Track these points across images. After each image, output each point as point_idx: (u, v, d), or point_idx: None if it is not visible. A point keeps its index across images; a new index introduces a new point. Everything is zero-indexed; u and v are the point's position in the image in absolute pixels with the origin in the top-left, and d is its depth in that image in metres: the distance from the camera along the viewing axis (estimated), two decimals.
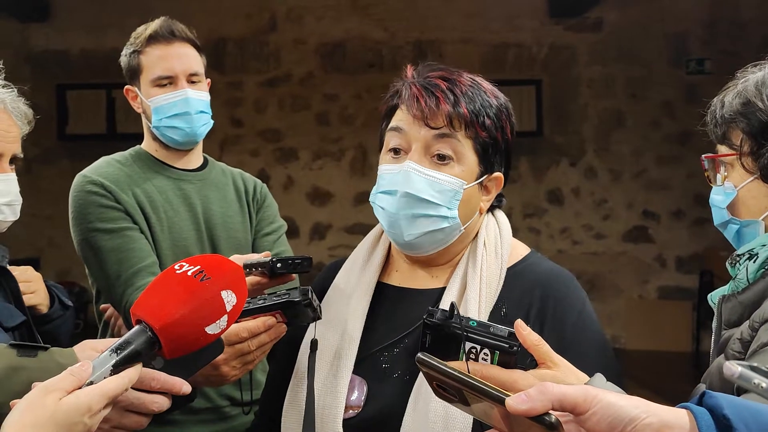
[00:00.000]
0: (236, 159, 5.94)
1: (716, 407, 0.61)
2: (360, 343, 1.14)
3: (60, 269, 5.96)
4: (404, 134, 1.11)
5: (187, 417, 1.75)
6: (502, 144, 1.14)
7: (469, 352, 0.92)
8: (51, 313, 1.53)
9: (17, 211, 1.40)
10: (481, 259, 1.14)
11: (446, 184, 1.09)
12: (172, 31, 1.81)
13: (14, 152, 1.38)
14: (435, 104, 1.08)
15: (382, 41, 6.38)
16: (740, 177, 1.12)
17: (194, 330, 0.83)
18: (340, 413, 1.09)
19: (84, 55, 6.34)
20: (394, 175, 1.11)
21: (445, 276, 1.18)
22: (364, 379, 1.12)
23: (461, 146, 1.10)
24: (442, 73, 1.13)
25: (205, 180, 1.90)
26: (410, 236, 1.12)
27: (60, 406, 0.75)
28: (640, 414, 0.61)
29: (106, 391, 0.78)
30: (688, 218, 6.28)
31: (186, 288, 0.83)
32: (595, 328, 1.14)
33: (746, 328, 1.03)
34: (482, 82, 1.16)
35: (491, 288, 1.13)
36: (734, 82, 1.14)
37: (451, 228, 1.13)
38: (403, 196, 1.10)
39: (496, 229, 1.20)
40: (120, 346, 0.81)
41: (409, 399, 1.07)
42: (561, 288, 1.14)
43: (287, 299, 1.07)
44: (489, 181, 1.16)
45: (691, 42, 6.27)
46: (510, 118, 1.16)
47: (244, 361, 1.10)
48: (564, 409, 0.63)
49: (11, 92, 1.37)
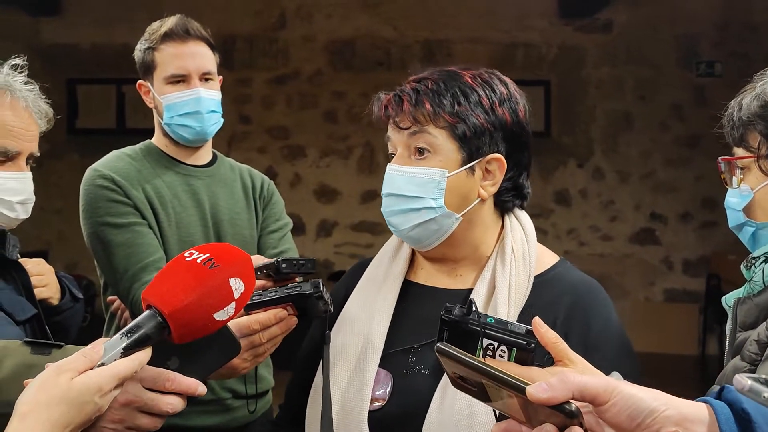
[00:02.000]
0: (244, 156, 5.92)
1: (735, 401, 0.61)
2: (386, 338, 1.16)
3: (68, 262, 5.99)
4: (391, 141, 1.19)
5: (190, 408, 1.74)
6: (488, 126, 1.14)
7: (487, 349, 0.92)
8: (61, 305, 1.54)
9: (29, 210, 1.41)
10: (510, 264, 1.16)
11: (424, 176, 1.14)
12: (187, 30, 1.82)
13: (32, 151, 1.38)
14: (400, 108, 1.15)
15: (392, 40, 6.38)
16: (757, 179, 1.12)
17: (203, 316, 0.85)
18: (365, 405, 1.11)
19: (94, 49, 6.36)
20: (384, 180, 1.19)
21: (471, 277, 1.20)
22: (390, 373, 1.14)
23: (434, 138, 1.14)
24: (416, 77, 1.20)
25: (213, 176, 1.91)
26: (405, 230, 1.17)
27: (72, 385, 0.77)
28: (660, 406, 0.61)
29: (116, 372, 0.80)
30: (696, 221, 6.26)
31: (195, 275, 0.85)
32: (620, 336, 1.16)
33: (763, 330, 1.03)
34: (466, 73, 1.18)
35: (519, 294, 1.14)
36: (752, 84, 1.14)
37: (442, 217, 1.15)
38: (387, 197, 1.18)
39: (522, 233, 1.21)
40: (130, 330, 0.83)
41: (434, 395, 1.08)
42: (589, 298, 1.16)
43: (298, 291, 1.08)
44: (487, 163, 1.16)
45: (702, 44, 6.24)
46: (509, 99, 1.18)
47: (255, 353, 1.11)
48: (584, 399, 0.63)
49: (33, 90, 1.37)
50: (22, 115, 1.33)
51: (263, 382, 1.90)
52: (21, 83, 1.35)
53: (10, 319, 1.28)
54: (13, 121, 1.32)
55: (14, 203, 1.36)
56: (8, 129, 1.31)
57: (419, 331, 1.16)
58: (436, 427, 1.06)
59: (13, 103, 1.32)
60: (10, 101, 1.32)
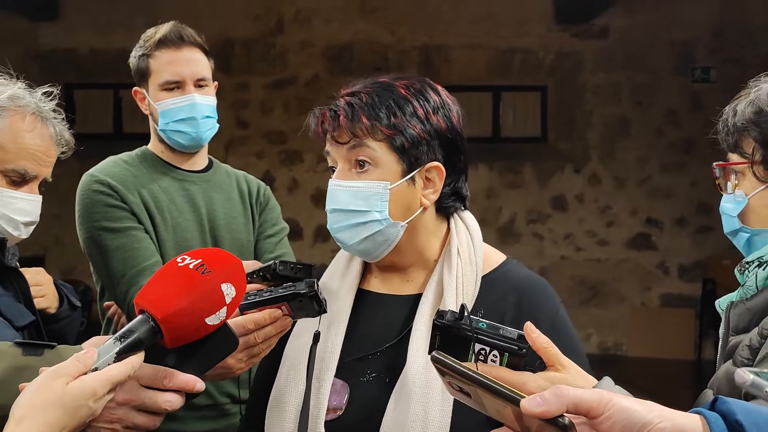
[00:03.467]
0: (242, 160, 5.96)
1: (729, 413, 0.61)
2: (342, 347, 1.17)
3: (65, 267, 5.98)
4: (331, 156, 1.20)
5: (188, 413, 1.77)
6: (424, 135, 1.15)
7: (479, 354, 0.92)
8: (59, 313, 1.54)
9: (30, 231, 1.44)
10: (456, 266, 1.17)
11: (368, 190, 1.15)
12: (181, 36, 1.83)
13: (46, 176, 1.42)
14: (337, 123, 1.16)
15: (389, 45, 6.40)
16: (751, 185, 1.12)
17: (194, 320, 0.86)
18: (322, 415, 1.12)
19: (92, 54, 6.37)
20: (327, 196, 1.20)
21: (421, 280, 1.22)
22: (346, 382, 1.15)
23: (374, 151, 1.14)
24: (349, 90, 1.20)
25: (209, 181, 1.92)
26: (353, 245, 1.18)
27: (67, 390, 0.78)
28: (654, 419, 0.61)
29: (110, 377, 0.81)
30: (692, 226, 6.27)
31: (187, 280, 0.86)
32: (569, 333, 1.16)
33: (755, 335, 1.03)
34: (399, 83, 1.18)
35: (467, 294, 1.15)
36: (747, 90, 1.14)
37: (388, 228, 1.16)
38: (331, 213, 1.19)
39: (467, 234, 1.22)
40: (123, 335, 0.84)
41: (389, 401, 1.10)
42: (534, 294, 1.17)
43: (293, 291, 1.08)
44: (427, 171, 1.17)
45: (697, 50, 6.27)
46: (442, 107, 1.18)
47: (251, 353, 1.11)
48: (578, 413, 0.63)
49: (59, 118, 1.41)
50: (47, 141, 1.38)
51: None
52: (50, 110, 1.39)
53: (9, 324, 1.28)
54: (37, 146, 1.36)
55: (20, 223, 1.39)
56: (31, 152, 1.35)
57: (374, 338, 1.17)
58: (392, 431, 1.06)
59: (42, 129, 1.37)
60: (39, 127, 1.36)
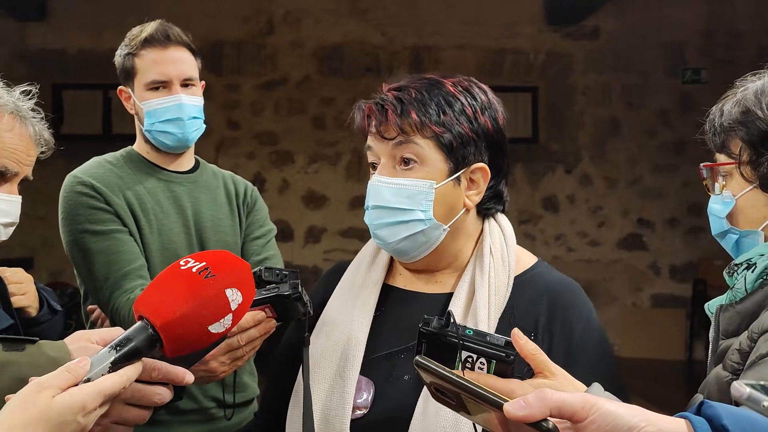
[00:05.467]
0: (232, 161, 5.93)
1: (715, 417, 0.60)
2: (366, 344, 1.14)
3: (53, 270, 5.93)
4: (374, 151, 1.17)
5: (174, 418, 1.75)
6: (472, 135, 1.14)
7: (465, 361, 0.91)
8: (39, 317, 1.52)
9: (10, 233, 1.42)
10: (488, 266, 1.15)
11: (413, 188, 1.13)
12: (167, 35, 1.80)
13: (27, 174, 1.41)
14: (385, 117, 1.13)
15: (380, 46, 6.39)
16: (739, 186, 1.11)
17: (197, 328, 0.81)
18: (347, 413, 1.09)
19: (81, 55, 6.32)
20: (368, 191, 1.17)
21: (451, 281, 1.20)
22: (371, 380, 1.12)
23: (421, 149, 1.13)
24: (397, 85, 1.18)
25: (196, 182, 1.89)
26: (392, 243, 1.15)
27: (53, 403, 0.73)
28: (639, 423, 0.61)
29: (102, 389, 0.75)
30: (683, 227, 6.29)
31: (189, 285, 0.81)
32: (602, 336, 1.15)
33: (745, 339, 1.02)
34: (447, 81, 1.17)
35: (500, 296, 1.13)
36: (733, 90, 1.13)
37: (431, 229, 1.14)
38: (373, 209, 1.16)
39: (500, 235, 1.20)
40: (120, 343, 0.79)
41: (418, 402, 1.07)
42: (569, 297, 1.16)
43: (276, 293, 1.06)
44: (471, 173, 1.16)
45: (688, 51, 6.29)
46: (489, 107, 1.17)
47: (234, 356, 1.09)
48: (562, 416, 0.63)
49: (38, 117, 1.40)
50: (27, 140, 1.37)
51: (247, 390, 1.88)
52: (29, 109, 1.39)
53: None
54: (16, 146, 1.35)
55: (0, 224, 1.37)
56: (11, 151, 1.34)
57: (400, 336, 1.14)
58: None
59: (20, 128, 1.35)
60: (18, 126, 1.35)
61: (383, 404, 1.10)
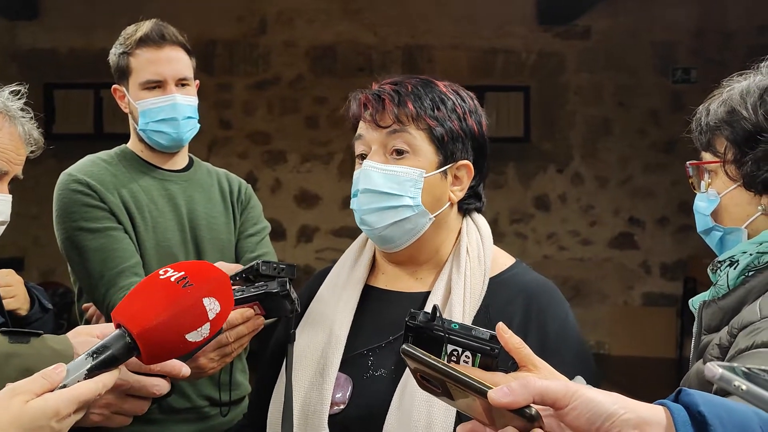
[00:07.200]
0: (224, 161, 5.92)
1: (692, 404, 0.62)
2: (347, 342, 1.17)
3: (45, 269, 5.92)
4: (364, 139, 1.20)
5: (167, 416, 1.75)
6: (461, 133, 1.18)
7: (451, 355, 0.93)
8: (30, 315, 1.53)
9: (1, 231, 1.43)
10: (464, 265, 1.18)
11: (403, 174, 1.16)
12: (162, 35, 1.80)
13: (17, 173, 1.42)
14: (381, 106, 1.17)
15: (373, 45, 6.40)
16: (723, 184, 1.13)
17: (174, 337, 0.82)
18: (325, 409, 1.12)
19: (72, 54, 6.31)
20: (357, 177, 1.19)
21: (430, 279, 1.22)
22: (350, 377, 1.15)
23: (414, 139, 1.16)
24: (392, 80, 1.22)
25: (190, 180, 1.90)
26: (379, 229, 1.18)
27: (26, 409, 0.73)
28: (618, 410, 0.62)
29: (76, 395, 0.76)
30: (673, 225, 6.33)
31: (167, 294, 0.82)
32: (577, 337, 1.17)
33: (725, 334, 1.04)
34: (438, 82, 1.22)
35: (475, 295, 1.16)
36: (720, 90, 1.15)
37: (418, 216, 1.17)
38: (363, 193, 1.18)
39: (477, 235, 1.23)
40: (97, 351, 0.80)
41: (393, 398, 1.10)
42: (544, 298, 1.18)
43: (265, 290, 1.08)
44: (456, 169, 1.20)
45: (678, 51, 6.33)
46: (475, 112, 1.22)
47: (223, 353, 1.10)
48: (545, 403, 0.64)
49: (28, 116, 1.41)
50: (16, 140, 1.38)
51: (240, 388, 1.89)
52: (18, 109, 1.39)
53: None
54: (6, 144, 1.36)
55: None
56: (0, 150, 1.35)
57: (379, 334, 1.17)
58: (396, 430, 1.07)
59: (10, 127, 1.36)
60: (8, 125, 1.36)
61: (360, 400, 1.13)
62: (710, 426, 0.60)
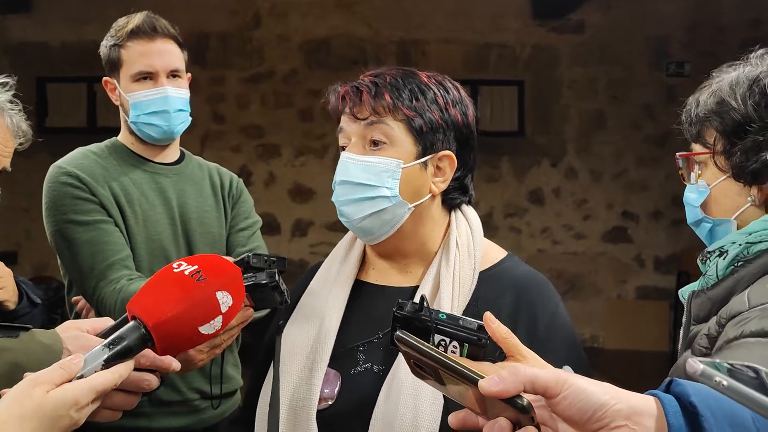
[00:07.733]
0: (218, 155, 5.91)
1: (683, 394, 0.62)
2: (336, 337, 1.17)
3: (37, 263, 5.90)
4: (345, 132, 1.20)
5: (158, 409, 1.75)
6: (442, 123, 1.17)
7: (438, 345, 0.92)
8: (18, 309, 1.52)
9: None
10: (454, 258, 1.17)
11: (380, 165, 1.15)
12: (154, 27, 1.79)
13: (5, 166, 1.41)
14: (359, 98, 1.17)
15: (367, 39, 6.38)
16: (713, 175, 1.13)
17: (187, 329, 0.84)
18: (314, 405, 1.12)
19: (64, 47, 6.27)
20: (337, 170, 1.19)
21: (419, 273, 1.22)
22: (339, 372, 1.15)
23: (392, 130, 1.15)
24: (373, 72, 1.21)
25: (181, 174, 1.89)
26: (356, 220, 1.18)
27: (47, 398, 0.75)
28: (610, 400, 0.62)
29: (94, 385, 0.78)
30: (666, 219, 6.35)
31: (182, 287, 0.85)
32: (567, 329, 1.16)
33: (713, 324, 1.04)
34: (421, 73, 1.20)
35: (464, 288, 1.15)
36: (709, 81, 1.15)
37: (395, 207, 1.16)
38: (340, 185, 1.18)
39: (467, 228, 1.22)
40: (113, 342, 0.82)
41: (380, 392, 1.10)
42: (534, 291, 1.17)
43: (254, 281, 1.08)
44: (438, 160, 1.19)
45: (672, 45, 6.34)
46: (460, 102, 1.20)
47: (212, 344, 1.11)
48: (536, 392, 0.64)
49: (16, 109, 1.40)
50: (4, 132, 1.37)
51: (231, 381, 1.89)
52: (6, 101, 1.37)
53: None
54: None
55: None
56: None
57: (369, 329, 1.17)
58: (382, 424, 1.07)
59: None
60: None
61: (349, 395, 1.13)
62: (701, 416, 0.60)
